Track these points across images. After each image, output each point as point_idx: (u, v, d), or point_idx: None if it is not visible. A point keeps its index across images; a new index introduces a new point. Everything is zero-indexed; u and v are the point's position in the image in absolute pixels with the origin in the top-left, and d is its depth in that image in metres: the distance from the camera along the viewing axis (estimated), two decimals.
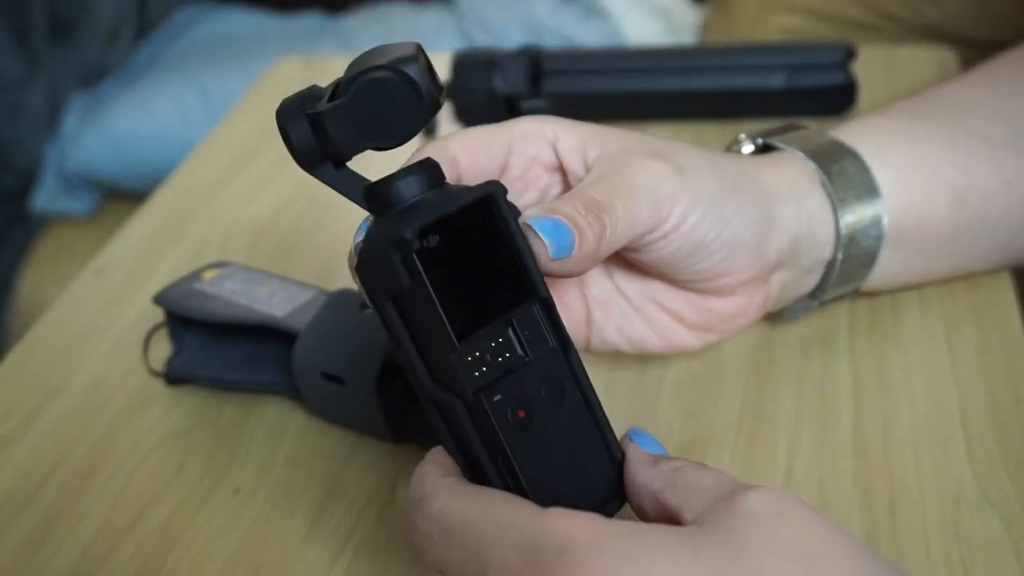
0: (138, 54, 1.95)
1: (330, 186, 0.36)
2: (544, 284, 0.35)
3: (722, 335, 0.47)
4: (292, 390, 0.50)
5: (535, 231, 0.36)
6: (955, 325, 0.51)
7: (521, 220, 0.36)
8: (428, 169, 0.35)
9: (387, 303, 0.34)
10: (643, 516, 0.35)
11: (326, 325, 0.48)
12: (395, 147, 0.36)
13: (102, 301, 0.61)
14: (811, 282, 0.48)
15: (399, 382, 0.44)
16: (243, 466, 0.48)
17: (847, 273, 0.48)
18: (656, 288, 0.46)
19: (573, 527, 0.31)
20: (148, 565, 0.43)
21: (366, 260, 0.34)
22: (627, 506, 0.36)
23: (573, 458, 0.35)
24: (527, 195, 0.45)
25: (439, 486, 0.34)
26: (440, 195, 0.35)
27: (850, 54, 0.70)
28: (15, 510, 0.47)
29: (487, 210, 0.35)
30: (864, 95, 0.72)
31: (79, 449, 0.50)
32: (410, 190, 0.35)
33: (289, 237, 0.65)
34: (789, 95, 0.70)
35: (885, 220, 0.47)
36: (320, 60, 0.91)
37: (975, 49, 1.24)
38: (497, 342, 0.34)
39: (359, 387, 0.46)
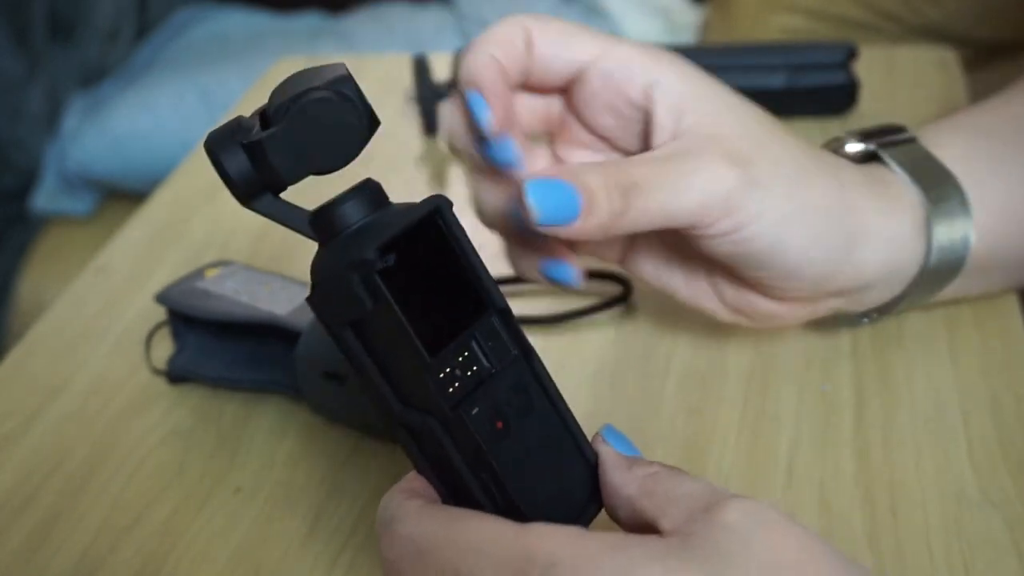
0: (138, 54, 1.95)
1: (271, 218, 0.35)
2: (499, 294, 0.34)
3: (751, 324, 0.46)
4: (293, 389, 0.50)
5: (524, 194, 0.36)
6: (956, 326, 0.51)
7: (518, 180, 0.36)
8: (370, 191, 0.34)
9: (345, 330, 0.33)
10: (617, 520, 0.34)
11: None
12: (336, 170, 0.34)
13: (103, 301, 0.61)
14: (869, 305, 0.46)
15: None
16: (244, 466, 0.48)
17: (910, 303, 0.46)
18: (711, 262, 0.44)
19: (559, 543, 0.30)
20: (149, 565, 0.43)
21: (322, 288, 0.33)
22: (604, 512, 0.35)
23: (550, 464, 0.35)
24: (603, 118, 0.43)
25: (407, 509, 0.33)
26: (386, 215, 0.34)
27: (851, 54, 0.70)
28: (16, 510, 0.47)
29: (437, 225, 0.34)
30: (865, 95, 0.72)
31: (79, 449, 0.50)
32: (356, 213, 0.33)
33: (289, 237, 0.65)
34: (790, 95, 0.70)
35: (965, 264, 0.45)
36: (321, 59, 0.91)
37: (975, 49, 1.24)
38: (464, 356, 0.33)
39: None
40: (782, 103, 0.71)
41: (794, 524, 0.30)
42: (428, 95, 0.73)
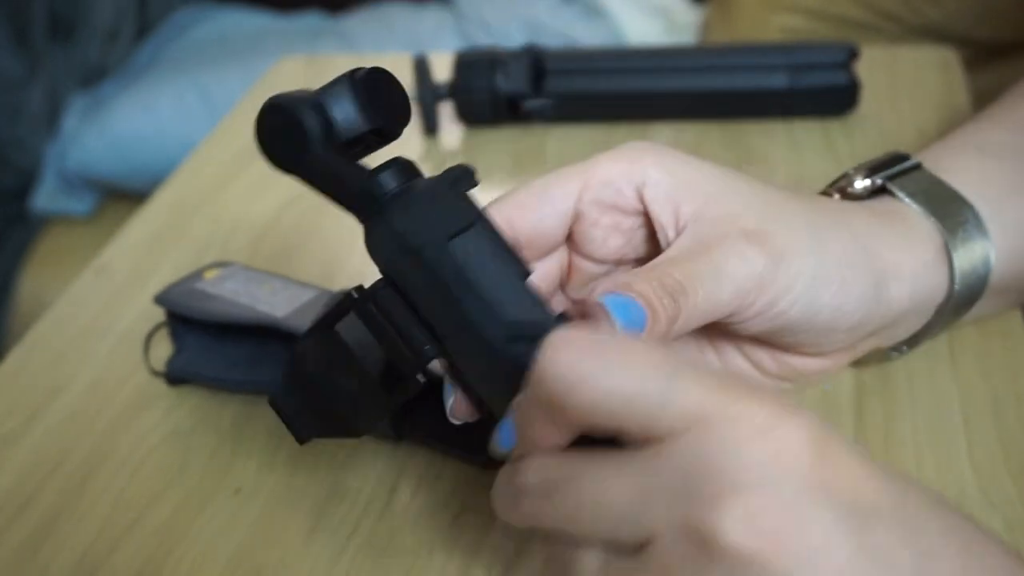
0: (138, 54, 1.95)
1: (325, 176, 0.36)
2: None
3: (799, 384, 0.46)
4: None
5: (606, 310, 0.35)
6: (956, 327, 0.51)
7: (592, 298, 0.36)
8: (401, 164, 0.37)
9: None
10: None
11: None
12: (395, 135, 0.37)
13: (103, 301, 0.60)
14: (900, 338, 0.46)
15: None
16: (244, 466, 0.48)
17: (938, 330, 0.46)
18: (741, 338, 0.44)
19: (705, 389, 0.29)
20: (149, 565, 0.43)
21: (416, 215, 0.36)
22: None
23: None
24: (610, 242, 0.42)
25: (557, 344, 0.31)
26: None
27: (853, 54, 0.70)
28: (16, 509, 0.47)
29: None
30: (866, 95, 0.72)
31: (80, 449, 0.50)
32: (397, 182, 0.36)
33: (290, 237, 0.65)
34: (791, 95, 0.70)
35: (987, 286, 0.45)
36: (322, 59, 0.91)
37: (975, 49, 1.24)
38: None
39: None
40: (783, 103, 0.71)
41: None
42: (428, 95, 0.73)
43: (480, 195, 0.37)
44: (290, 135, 0.35)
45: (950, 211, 0.44)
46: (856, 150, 0.68)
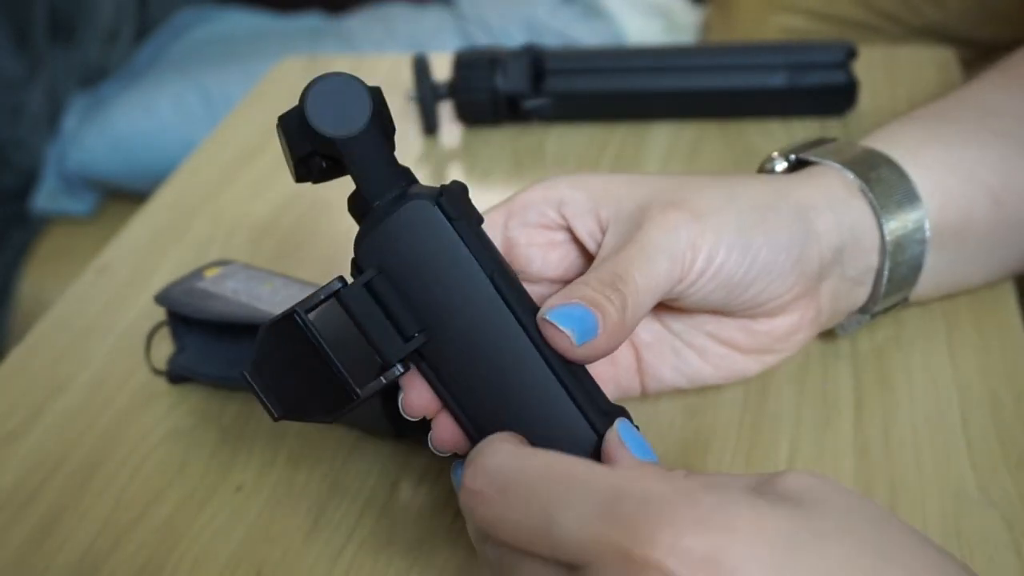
0: (139, 54, 1.95)
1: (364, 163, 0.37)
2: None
3: (780, 355, 0.47)
4: None
5: (554, 325, 0.36)
6: (955, 325, 0.51)
7: (539, 316, 0.36)
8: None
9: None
10: None
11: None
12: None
13: (104, 300, 0.61)
14: (862, 295, 0.47)
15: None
16: (245, 464, 0.48)
17: (896, 281, 0.47)
18: (706, 320, 0.45)
19: (654, 480, 0.30)
20: (151, 562, 0.43)
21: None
22: None
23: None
24: (550, 258, 0.44)
25: (496, 446, 0.33)
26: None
27: (851, 54, 0.70)
28: (18, 507, 0.47)
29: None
30: (865, 95, 0.72)
31: (82, 447, 0.50)
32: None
33: (291, 236, 0.65)
34: (790, 94, 0.71)
35: (927, 224, 0.46)
36: (323, 59, 0.91)
37: (975, 49, 1.24)
38: None
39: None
40: (782, 103, 0.71)
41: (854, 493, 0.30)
42: (428, 95, 0.73)
43: (480, 195, 0.37)
44: (350, 106, 0.36)
45: (859, 160, 0.46)
46: None
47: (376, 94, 0.36)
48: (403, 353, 0.36)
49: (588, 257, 0.44)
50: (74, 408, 0.52)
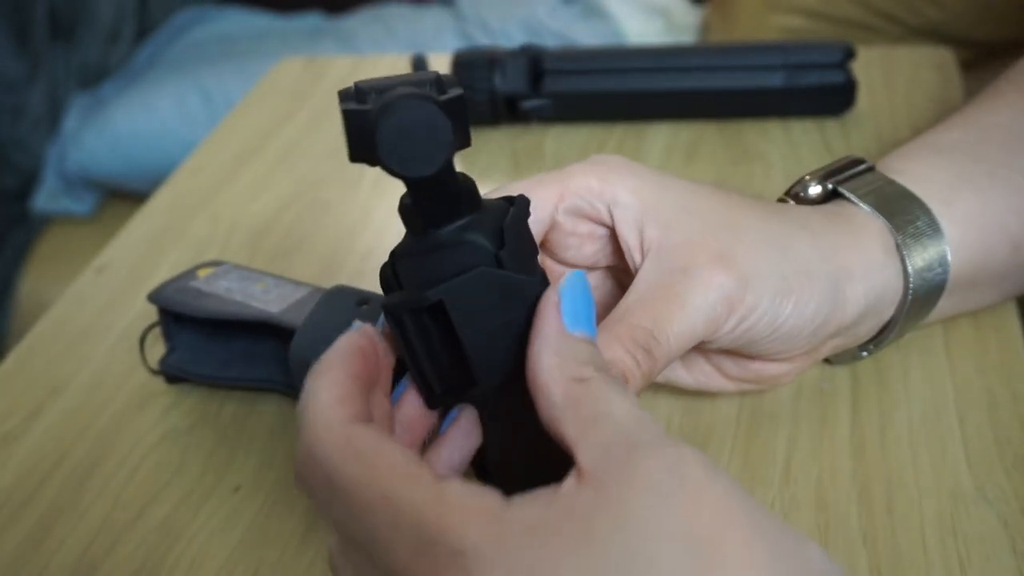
0: (139, 54, 1.95)
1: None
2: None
3: (760, 388, 0.47)
4: (288, 387, 0.50)
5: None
6: (953, 324, 0.51)
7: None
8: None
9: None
10: (537, 409, 0.31)
11: (323, 321, 0.48)
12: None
13: (103, 300, 0.61)
14: (864, 337, 0.47)
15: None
16: (243, 464, 0.48)
17: (903, 328, 0.47)
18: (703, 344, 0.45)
19: (471, 525, 0.28)
20: (149, 562, 0.43)
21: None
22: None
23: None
24: (585, 249, 0.44)
25: (327, 426, 0.30)
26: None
27: (849, 54, 0.70)
28: (17, 507, 0.47)
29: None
30: (863, 95, 0.72)
31: (80, 447, 0.50)
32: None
33: (290, 236, 0.65)
34: (788, 94, 0.71)
35: (948, 280, 0.45)
36: (322, 60, 0.91)
37: (974, 49, 1.25)
38: None
39: None
40: (780, 103, 0.71)
41: (715, 482, 0.27)
42: None
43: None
44: (427, 141, 0.31)
45: (899, 208, 0.45)
46: (852, 149, 0.68)
47: (456, 112, 0.31)
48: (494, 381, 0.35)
49: (620, 257, 0.43)
50: (72, 408, 0.53)
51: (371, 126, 0.30)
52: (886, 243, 0.44)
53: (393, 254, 0.35)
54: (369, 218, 0.66)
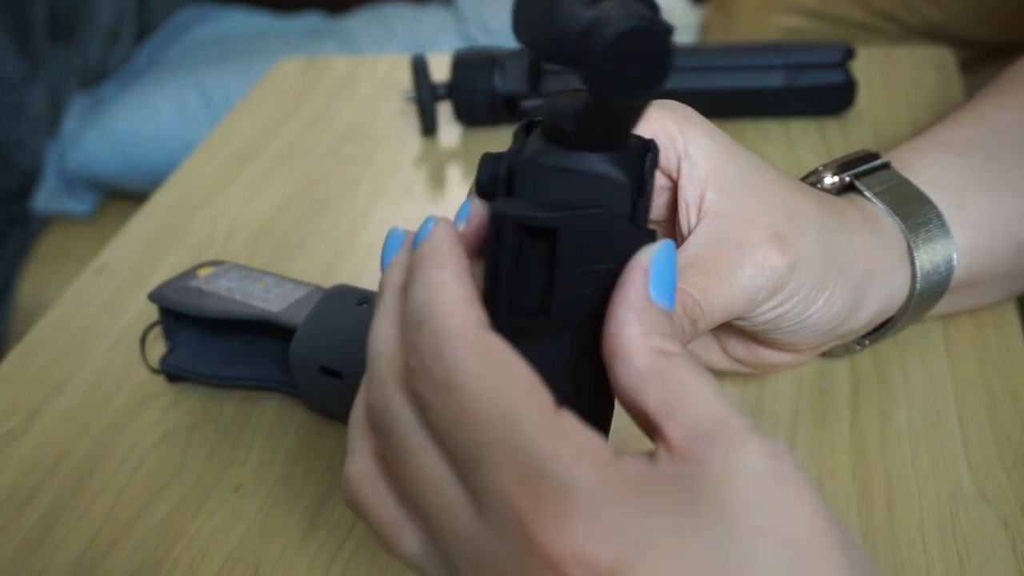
0: (139, 55, 1.95)
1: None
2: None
3: (756, 372, 0.47)
4: (288, 386, 0.50)
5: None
6: (953, 322, 0.51)
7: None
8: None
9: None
10: (614, 380, 0.30)
11: (323, 320, 0.48)
12: None
13: (103, 300, 0.61)
14: (862, 332, 0.46)
15: None
16: (244, 463, 0.48)
17: (901, 326, 0.47)
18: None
19: (583, 465, 0.26)
20: (149, 561, 0.43)
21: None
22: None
23: None
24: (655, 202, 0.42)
25: (461, 325, 0.29)
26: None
27: (849, 54, 0.70)
28: (17, 506, 0.47)
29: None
30: (863, 95, 0.73)
31: (81, 446, 0.50)
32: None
33: (290, 236, 0.65)
34: (788, 94, 0.71)
35: (951, 282, 0.46)
36: (322, 60, 0.91)
37: (974, 50, 1.25)
38: None
39: (357, 381, 0.46)
40: (780, 102, 0.71)
41: (807, 483, 0.27)
42: (427, 95, 0.73)
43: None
44: (658, 58, 0.28)
45: (913, 210, 0.45)
46: (852, 149, 0.67)
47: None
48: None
49: (670, 211, 0.42)
50: (73, 408, 0.53)
51: (595, 35, 0.27)
52: (900, 246, 0.44)
53: (516, 156, 0.32)
54: (369, 218, 0.66)
